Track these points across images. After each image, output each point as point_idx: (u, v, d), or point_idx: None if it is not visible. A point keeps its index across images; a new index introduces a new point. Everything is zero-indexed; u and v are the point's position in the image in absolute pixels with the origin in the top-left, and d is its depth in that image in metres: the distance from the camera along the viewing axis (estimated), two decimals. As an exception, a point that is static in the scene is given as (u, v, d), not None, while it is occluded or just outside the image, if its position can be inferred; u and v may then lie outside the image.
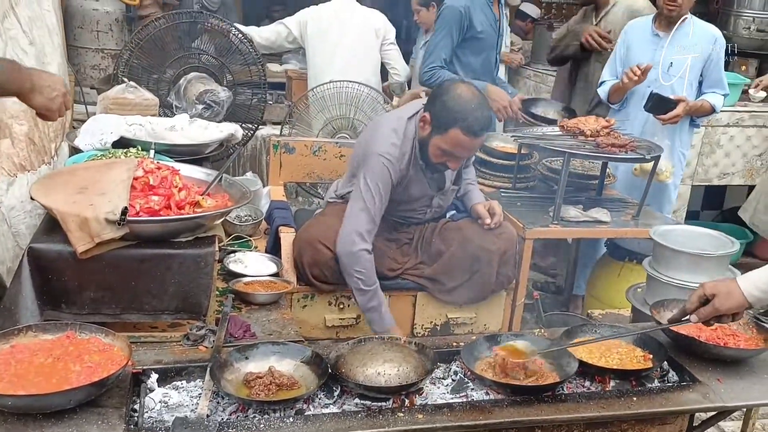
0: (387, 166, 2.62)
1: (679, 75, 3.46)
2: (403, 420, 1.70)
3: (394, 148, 2.64)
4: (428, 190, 2.80)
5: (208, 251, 2.00)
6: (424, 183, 2.77)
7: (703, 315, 1.87)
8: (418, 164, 2.70)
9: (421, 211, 2.88)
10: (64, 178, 2.04)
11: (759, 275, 1.83)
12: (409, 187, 2.75)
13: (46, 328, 1.72)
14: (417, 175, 2.73)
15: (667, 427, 1.95)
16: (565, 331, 2.16)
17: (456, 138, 2.50)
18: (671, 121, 3.38)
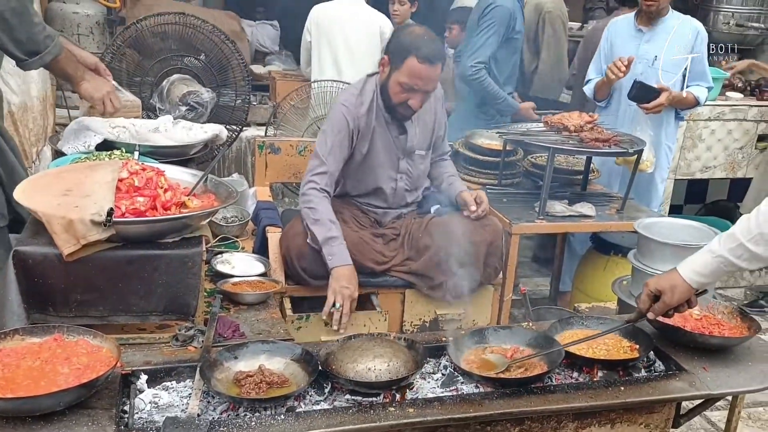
0: (343, 112, 2.74)
1: (663, 68, 3.50)
2: (394, 414, 1.70)
3: (353, 96, 2.79)
4: (394, 149, 2.85)
5: (195, 251, 1.99)
6: (388, 139, 2.83)
7: (657, 311, 1.95)
8: (381, 116, 2.80)
9: (390, 178, 2.90)
10: (49, 181, 2.03)
11: (696, 260, 1.90)
12: (374, 142, 2.80)
13: (34, 331, 1.71)
14: (380, 129, 2.81)
15: (654, 416, 1.97)
16: (552, 324, 2.18)
17: (412, 67, 2.60)
18: (654, 110, 3.42)
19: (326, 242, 2.64)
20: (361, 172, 2.86)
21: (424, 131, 2.92)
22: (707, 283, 1.89)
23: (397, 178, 2.91)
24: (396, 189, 2.93)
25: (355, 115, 2.74)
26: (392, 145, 2.85)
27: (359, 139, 2.78)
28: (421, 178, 3.00)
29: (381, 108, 2.79)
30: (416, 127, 2.88)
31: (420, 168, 2.96)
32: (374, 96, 2.79)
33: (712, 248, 1.88)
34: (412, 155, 2.90)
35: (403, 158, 2.89)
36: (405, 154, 2.88)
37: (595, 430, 1.92)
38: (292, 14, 7.02)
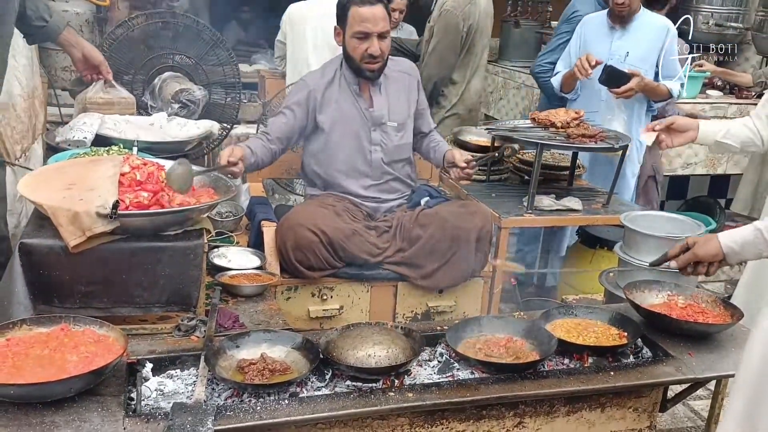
0: (303, 84, 2.96)
1: (633, 64, 3.61)
2: (394, 399, 1.76)
3: (315, 72, 3.03)
4: (364, 121, 2.97)
5: (197, 243, 2.04)
6: (356, 111, 2.97)
7: (682, 261, 2.00)
8: (347, 89, 2.96)
9: (366, 150, 2.99)
10: (51, 175, 2.06)
11: (737, 231, 1.93)
12: (341, 114, 2.94)
13: (41, 321, 1.75)
14: (347, 102, 2.96)
15: (642, 400, 2.05)
16: (542, 312, 2.26)
17: (355, 14, 2.80)
18: (625, 95, 3.52)
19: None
20: (334, 145, 2.96)
21: (396, 104, 3.04)
22: (737, 252, 1.90)
23: (371, 149, 3.00)
24: (372, 160, 3.00)
25: (313, 86, 2.92)
26: (362, 117, 2.97)
27: (319, 108, 2.93)
28: (398, 152, 3.06)
29: (347, 81, 2.95)
30: (385, 99, 3.01)
31: (395, 140, 3.03)
32: (337, 70, 2.97)
33: (755, 223, 1.92)
34: (384, 126, 3.00)
35: (375, 129, 2.99)
36: (375, 125, 2.99)
37: (585, 414, 1.99)
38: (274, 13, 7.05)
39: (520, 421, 1.92)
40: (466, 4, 4.00)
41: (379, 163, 3.02)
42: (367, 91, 3.00)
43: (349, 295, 2.89)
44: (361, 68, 2.89)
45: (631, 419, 2.05)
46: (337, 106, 2.94)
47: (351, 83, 2.96)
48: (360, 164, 3.01)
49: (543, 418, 1.94)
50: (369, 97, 3.00)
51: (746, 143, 2.66)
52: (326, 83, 2.94)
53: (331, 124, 2.95)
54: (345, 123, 2.96)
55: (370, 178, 3.03)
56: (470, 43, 4.09)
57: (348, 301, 2.89)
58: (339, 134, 2.96)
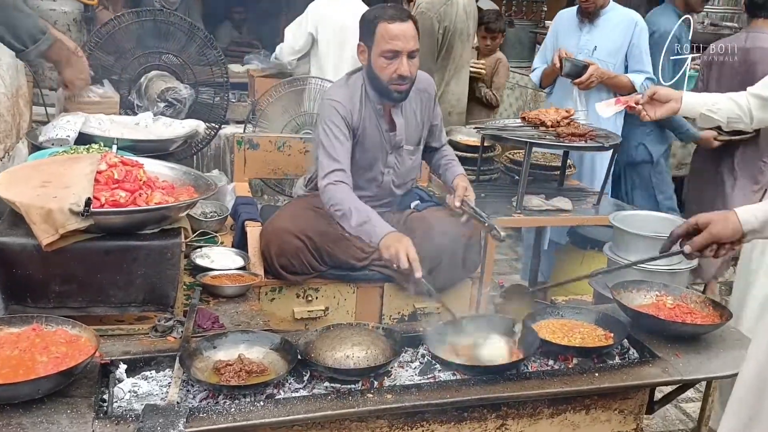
0: (335, 106, 2.70)
1: (601, 58, 3.64)
2: (372, 400, 1.73)
3: (342, 90, 2.78)
4: (383, 143, 2.81)
5: (174, 242, 2.00)
6: (377, 134, 2.80)
7: (698, 244, 1.79)
8: (371, 111, 2.77)
9: (378, 172, 2.86)
10: (27, 173, 2.02)
11: (757, 205, 1.78)
12: (365, 136, 2.78)
13: (12, 321, 1.71)
14: (370, 124, 2.77)
15: (628, 402, 2.01)
16: (528, 314, 2.22)
17: (384, 31, 2.59)
18: (586, 85, 3.59)
19: (360, 228, 2.56)
20: (353, 166, 2.79)
21: (414, 126, 2.90)
22: (757, 229, 1.74)
23: (384, 172, 2.88)
24: (382, 183, 2.90)
25: (348, 109, 2.71)
26: (381, 140, 2.82)
27: (354, 131, 2.75)
28: (409, 174, 2.98)
29: (371, 101, 2.76)
30: (404, 121, 2.85)
31: (407, 163, 2.93)
32: (362, 90, 2.76)
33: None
34: (400, 150, 2.88)
35: (392, 153, 2.86)
36: (393, 148, 2.86)
37: (570, 416, 1.96)
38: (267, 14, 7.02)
39: (503, 423, 1.89)
40: (442, 4, 3.91)
41: (389, 186, 2.92)
42: (388, 112, 2.82)
43: (335, 297, 2.85)
44: (389, 90, 2.68)
45: (617, 421, 2.02)
46: (362, 127, 2.76)
47: (374, 102, 2.77)
48: (369, 186, 2.89)
49: (526, 420, 1.91)
50: (390, 119, 2.82)
51: (733, 119, 2.60)
52: (357, 106, 2.74)
53: (356, 148, 2.78)
54: (367, 147, 2.80)
55: (375, 199, 2.90)
56: (447, 45, 4.00)
57: (334, 302, 2.86)
58: (359, 156, 2.80)
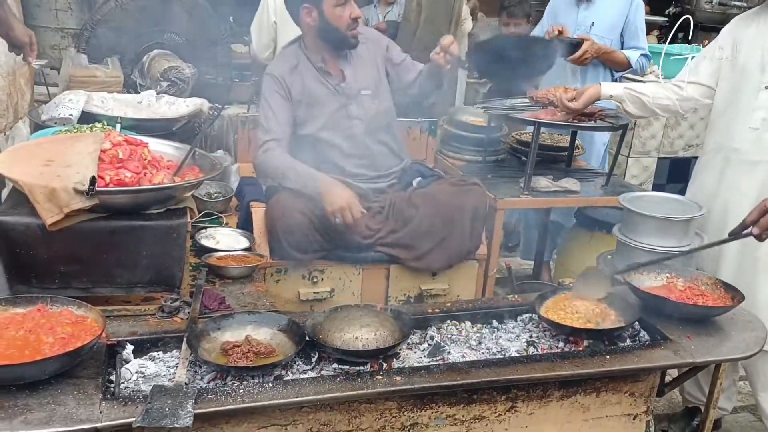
0: (270, 77, 2.82)
1: (598, 33, 3.63)
2: (381, 382, 1.71)
3: (276, 64, 2.89)
4: (338, 97, 2.86)
5: (179, 222, 1.97)
6: (328, 91, 2.86)
7: (765, 224, 1.92)
8: (312, 73, 2.85)
9: (344, 125, 2.88)
10: (30, 151, 1.99)
11: None
12: (312, 96, 2.84)
13: (17, 302, 1.69)
14: (316, 84, 2.85)
15: (639, 384, 1.99)
16: (538, 296, 2.20)
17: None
18: (581, 60, 3.59)
19: (299, 183, 2.69)
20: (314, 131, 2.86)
21: (365, 71, 2.94)
22: None
23: (350, 125, 2.89)
24: (354, 135, 2.90)
25: (281, 76, 2.81)
26: (333, 93, 2.87)
27: (294, 97, 2.82)
28: (377, 120, 2.96)
29: (312, 61, 2.86)
30: (354, 69, 2.92)
31: (372, 108, 2.93)
32: (297, 56, 2.87)
33: None
34: (359, 97, 2.90)
35: (351, 102, 2.89)
36: (350, 97, 2.89)
37: (580, 399, 1.94)
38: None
39: (512, 406, 1.87)
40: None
41: (362, 137, 2.92)
42: (335, 65, 2.90)
43: (341, 278, 2.83)
44: (348, 37, 2.80)
45: (627, 404, 2.00)
46: (303, 89, 2.84)
47: (315, 62, 2.86)
48: (342, 142, 2.89)
49: (536, 402, 1.89)
50: (339, 71, 2.90)
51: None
52: (289, 71, 2.83)
53: (306, 111, 2.84)
54: (320, 104, 2.85)
55: (355, 157, 2.92)
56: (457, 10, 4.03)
57: (339, 283, 2.83)
58: (315, 119, 2.85)
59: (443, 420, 1.82)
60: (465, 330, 2.10)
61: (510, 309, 2.20)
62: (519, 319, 2.18)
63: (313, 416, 1.69)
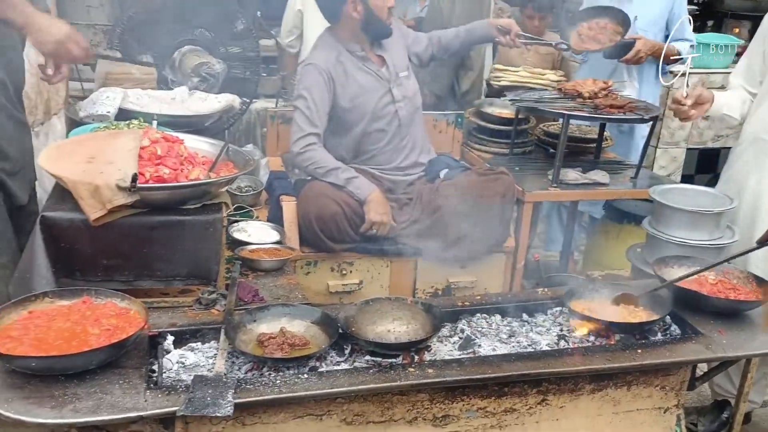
0: (314, 67, 2.86)
1: (641, 28, 3.56)
2: (414, 375, 1.74)
3: (316, 52, 2.93)
4: (382, 83, 2.95)
5: (216, 217, 2.02)
6: (371, 78, 2.94)
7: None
8: (353, 61, 2.92)
9: (389, 112, 2.96)
10: (71, 149, 2.05)
11: None
12: (357, 85, 2.91)
13: (63, 294, 1.75)
14: (360, 73, 2.92)
15: (670, 378, 2.00)
16: (568, 289, 2.21)
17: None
18: (635, 60, 3.53)
19: (348, 183, 2.79)
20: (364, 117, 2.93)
21: (396, 54, 3.05)
22: None
23: (396, 108, 2.97)
24: (400, 118, 2.98)
25: (325, 68, 2.86)
26: (379, 80, 2.95)
27: (339, 88, 2.88)
28: (414, 100, 3.07)
29: (351, 50, 2.92)
30: (389, 53, 3.01)
31: (410, 89, 3.05)
32: (337, 47, 2.92)
33: None
34: (399, 78, 3.00)
35: (394, 86, 2.97)
36: (393, 81, 2.97)
37: (611, 392, 1.95)
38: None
39: (543, 399, 1.89)
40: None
41: (406, 118, 3.01)
42: (372, 53, 2.98)
43: (369, 270, 2.87)
44: (386, 26, 2.89)
45: (658, 397, 2.01)
46: (351, 80, 2.90)
47: (355, 51, 2.93)
48: (389, 126, 2.97)
49: (567, 396, 1.91)
50: (377, 57, 2.98)
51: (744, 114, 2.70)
52: (334, 60, 2.89)
53: (350, 101, 2.90)
54: (364, 94, 2.91)
55: (398, 137, 3.00)
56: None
57: (367, 276, 2.87)
58: (360, 107, 2.91)
59: (474, 412, 1.85)
60: (495, 323, 2.11)
61: (540, 302, 2.22)
62: (549, 312, 2.20)
63: (347, 407, 1.73)
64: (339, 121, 2.92)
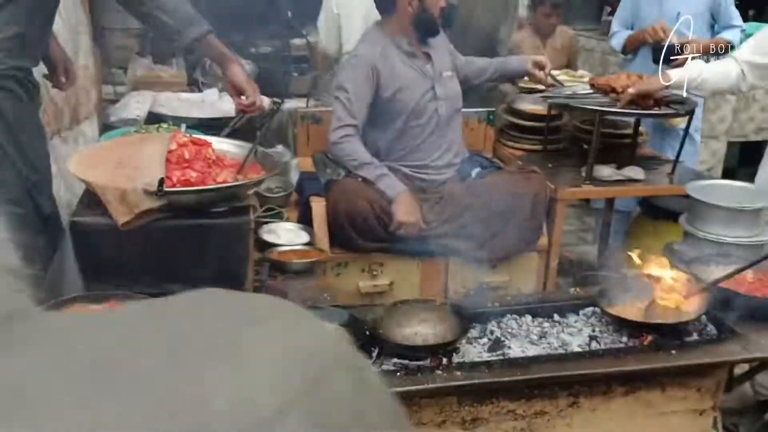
0: (359, 58, 2.87)
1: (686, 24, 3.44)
2: (442, 377, 1.72)
3: (363, 45, 2.92)
4: (426, 79, 2.93)
5: (244, 220, 2.03)
6: (415, 74, 2.92)
7: None
8: (399, 56, 2.90)
9: (431, 108, 2.94)
10: (101, 154, 2.08)
11: None
12: (403, 79, 2.88)
13: (91, 299, 1.77)
14: (405, 68, 2.90)
15: (706, 380, 1.95)
16: (600, 289, 2.17)
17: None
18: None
19: (378, 179, 2.78)
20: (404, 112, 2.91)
21: (443, 53, 3.05)
22: None
23: (437, 106, 2.95)
24: (440, 115, 2.96)
25: (371, 60, 2.84)
26: (423, 77, 2.94)
27: (382, 81, 2.85)
28: (455, 102, 3.05)
29: (397, 44, 2.90)
30: (436, 51, 3.00)
31: (453, 89, 3.04)
32: (383, 40, 2.90)
33: None
34: (442, 78, 2.98)
35: (437, 84, 2.96)
36: (437, 79, 2.96)
37: (644, 394, 1.91)
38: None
39: (575, 401, 1.85)
40: None
41: (446, 117, 2.99)
42: (419, 49, 2.97)
43: (399, 271, 2.85)
44: (436, 23, 2.89)
45: (694, 400, 1.95)
46: (395, 74, 2.89)
47: (402, 45, 2.91)
48: (428, 123, 2.96)
49: (599, 398, 1.87)
50: (423, 53, 2.97)
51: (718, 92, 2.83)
52: (380, 53, 2.88)
53: (393, 94, 2.89)
54: (407, 89, 2.91)
55: (435, 135, 2.98)
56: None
57: (398, 276, 2.85)
58: (403, 102, 2.91)
59: (504, 415, 1.82)
60: (525, 324, 2.08)
61: (571, 303, 2.18)
62: (581, 313, 2.16)
63: (375, 410, 1.72)
64: (379, 113, 2.92)
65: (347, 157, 2.84)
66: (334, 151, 2.91)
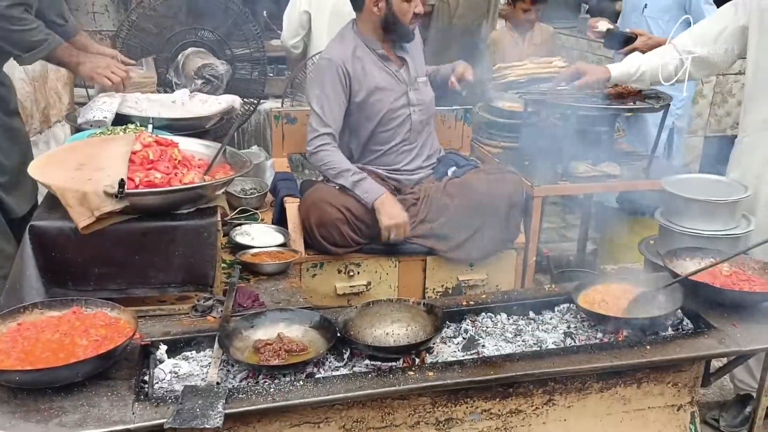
0: (329, 62, 2.80)
1: (650, 15, 3.44)
2: (413, 378, 1.68)
3: (334, 46, 2.87)
4: (399, 84, 2.90)
5: (210, 221, 1.98)
6: (389, 77, 2.88)
7: None
8: (371, 58, 2.86)
9: (402, 114, 2.90)
10: (63, 156, 2.03)
11: None
12: (376, 84, 2.85)
13: (52, 305, 1.72)
14: (377, 70, 2.86)
15: (682, 375, 1.92)
16: (576, 285, 2.14)
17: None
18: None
19: (355, 186, 2.73)
20: (373, 117, 2.86)
21: (417, 59, 3.01)
22: None
23: (410, 112, 2.92)
24: (413, 123, 2.93)
25: (341, 62, 2.80)
26: (397, 82, 2.90)
27: (354, 83, 2.82)
28: (429, 108, 3.03)
29: (371, 47, 2.86)
30: (410, 56, 2.96)
31: (428, 95, 3.01)
32: (356, 41, 2.87)
33: None
34: (416, 83, 2.95)
35: (411, 90, 2.93)
36: (411, 84, 2.93)
37: (620, 390, 1.88)
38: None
39: (550, 399, 1.83)
40: None
41: (418, 124, 2.96)
42: (392, 53, 2.93)
43: (377, 271, 2.82)
44: (409, 30, 2.84)
45: (671, 395, 1.93)
46: (368, 77, 2.84)
47: (375, 48, 2.86)
48: (400, 129, 2.92)
49: (574, 395, 1.84)
50: (397, 57, 2.93)
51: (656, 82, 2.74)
52: (350, 56, 2.83)
53: (366, 97, 2.84)
54: (383, 93, 2.86)
55: (407, 142, 2.95)
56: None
57: (375, 276, 2.82)
58: (375, 106, 2.86)
59: (479, 415, 1.79)
60: (501, 322, 2.06)
61: (547, 299, 2.15)
62: (557, 309, 2.13)
63: (346, 413, 1.69)
64: (352, 116, 2.88)
65: (324, 166, 2.80)
66: (311, 160, 2.88)
